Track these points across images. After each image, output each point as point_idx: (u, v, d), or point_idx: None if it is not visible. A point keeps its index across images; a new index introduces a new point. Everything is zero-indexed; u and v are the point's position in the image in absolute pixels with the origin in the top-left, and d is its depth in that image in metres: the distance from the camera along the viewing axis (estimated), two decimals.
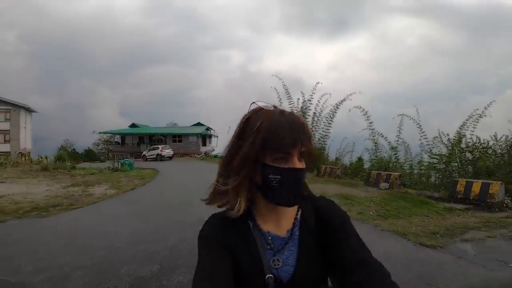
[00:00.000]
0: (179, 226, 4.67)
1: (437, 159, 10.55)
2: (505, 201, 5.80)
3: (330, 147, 13.89)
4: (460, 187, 6.21)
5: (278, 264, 0.65)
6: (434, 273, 2.94)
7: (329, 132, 13.41)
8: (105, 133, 38.62)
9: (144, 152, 26.34)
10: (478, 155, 9.99)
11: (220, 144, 36.16)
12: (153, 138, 34.07)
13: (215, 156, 27.36)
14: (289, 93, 14.40)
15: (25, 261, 3.27)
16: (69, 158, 17.75)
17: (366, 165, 12.45)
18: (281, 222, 0.68)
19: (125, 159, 16.88)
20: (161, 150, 25.01)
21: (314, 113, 13.63)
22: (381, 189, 7.83)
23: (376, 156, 12.03)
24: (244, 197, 0.64)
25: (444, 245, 3.72)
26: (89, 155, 40.17)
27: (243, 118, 0.65)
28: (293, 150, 0.60)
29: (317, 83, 13.68)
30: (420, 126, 11.33)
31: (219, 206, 0.68)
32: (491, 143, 10.38)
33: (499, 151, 10.28)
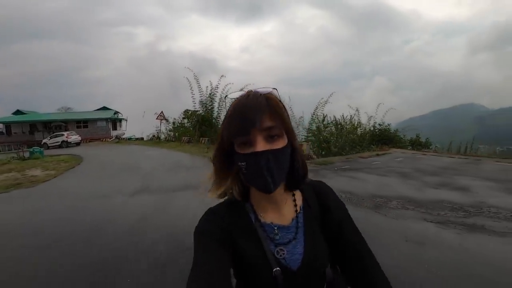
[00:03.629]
0: (136, 175, 7.80)
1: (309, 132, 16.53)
2: (310, 154, 11.32)
3: None
4: None
5: (282, 254, 0.62)
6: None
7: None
8: None
9: (45, 140, 24.66)
10: (325, 131, 16.40)
11: (130, 127, 35.88)
12: (52, 125, 31.21)
13: (129, 139, 27.95)
14: (199, 84, 17.99)
15: (75, 197, 6.04)
16: None
17: None
18: (282, 211, 0.66)
19: (34, 147, 16.73)
20: (66, 137, 24.06)
21: (220, 98, 17.79)
22: None
23: None
24: (234, 183, 0.65)
25: None
26: None
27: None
28: (254, 131, 0.55)
29: (222, 76, 17.63)
30: (291, 108, 16.97)
31: (219, 196, 0.66)
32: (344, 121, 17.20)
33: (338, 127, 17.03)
